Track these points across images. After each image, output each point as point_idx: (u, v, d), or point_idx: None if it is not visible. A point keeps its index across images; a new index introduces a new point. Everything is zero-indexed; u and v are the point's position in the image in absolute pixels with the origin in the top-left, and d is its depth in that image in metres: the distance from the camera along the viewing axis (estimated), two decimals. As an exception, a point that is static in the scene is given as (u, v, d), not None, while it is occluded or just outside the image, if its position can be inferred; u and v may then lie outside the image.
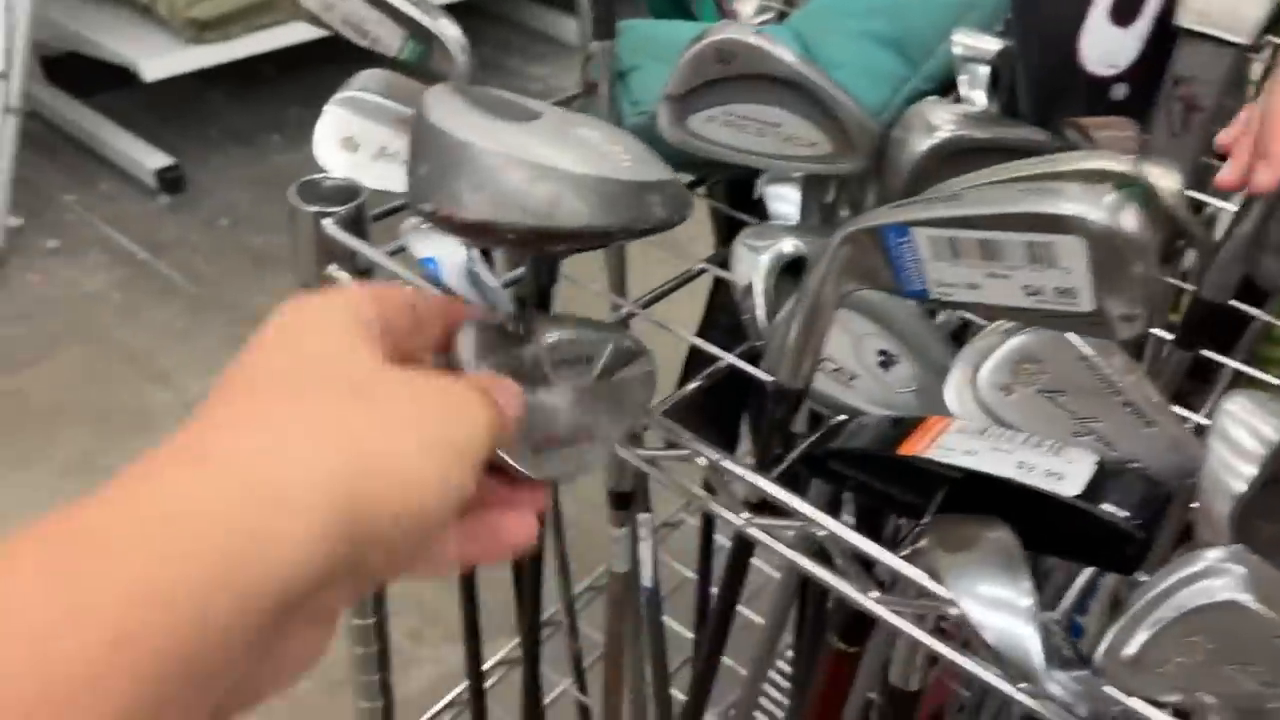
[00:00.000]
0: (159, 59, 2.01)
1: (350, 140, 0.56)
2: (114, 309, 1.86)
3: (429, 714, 0.88)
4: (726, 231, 0.69)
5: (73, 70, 2.24)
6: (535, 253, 0.38)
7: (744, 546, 0.47)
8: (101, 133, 2.14)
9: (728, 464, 0.43)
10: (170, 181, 2.06)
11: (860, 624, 0.49)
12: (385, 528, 0.25)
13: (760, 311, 0.47)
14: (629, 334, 0.40)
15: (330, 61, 2.79)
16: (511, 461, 0.34)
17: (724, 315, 0.64)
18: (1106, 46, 0.62)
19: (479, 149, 0.33)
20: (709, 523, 0.83)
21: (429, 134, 0.34)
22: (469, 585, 0.73)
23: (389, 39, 0.53)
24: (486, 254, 0.51)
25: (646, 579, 0.68)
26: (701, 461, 0.44)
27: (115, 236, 2.00)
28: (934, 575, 0.38)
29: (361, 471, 0.25)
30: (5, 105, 1.88)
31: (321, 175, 0.55)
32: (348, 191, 0.55)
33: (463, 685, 0.91)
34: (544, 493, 0.36)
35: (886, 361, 0.46)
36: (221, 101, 2.39)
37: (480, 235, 0.35)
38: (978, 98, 0.51)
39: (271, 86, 2.45)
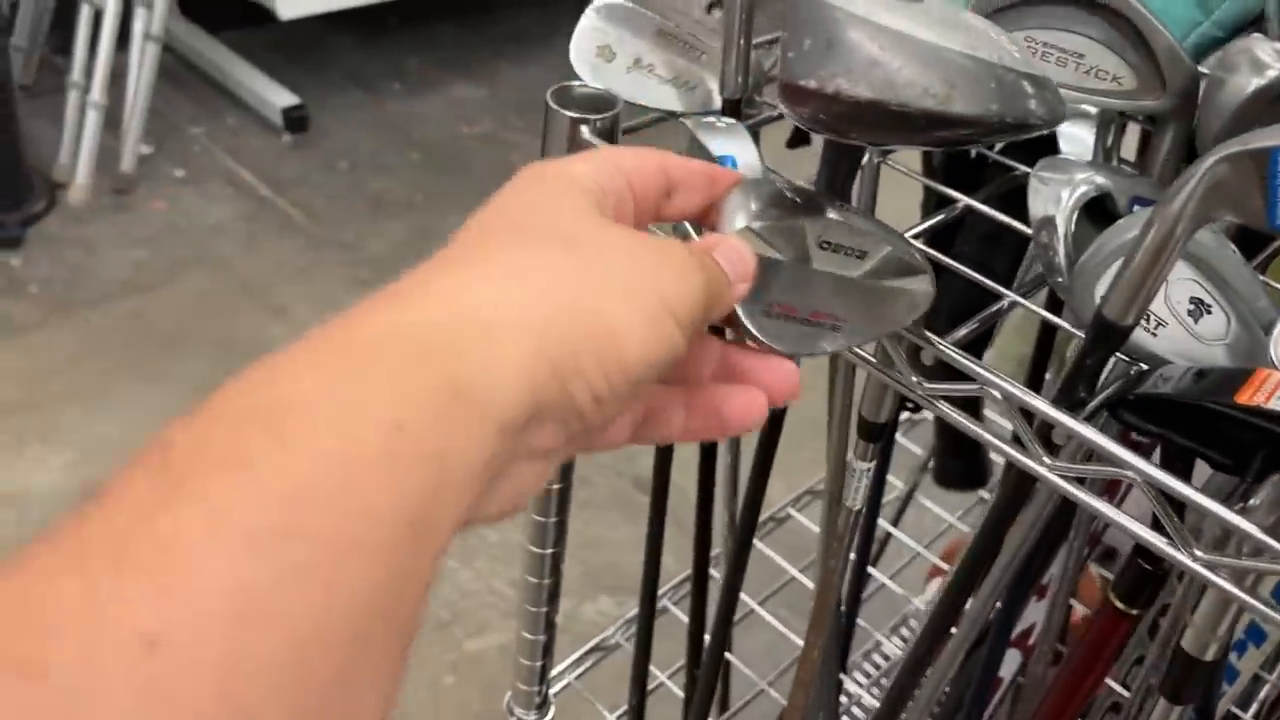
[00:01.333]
0: (295, -2, 2.04)
1: (606, 49, 0.55)
2: (235, 241, 1.88)
3: (593, 642, 0.87)
4: (937, 195, 0.66)
5: (206, 5, 2.27)
6: (906, 140, 0.35)
7: (1023, 482, 0.44)
8: (231, 68, 2.17)
9: (1036, 402, 0.40)
10: (295, 120, 2.08)
11: (1148, 583, 0.47)
12: (590, 370, 0.26)
13: (1062, 247, 0.44)
14: (915, 249, 0.37)
15: (448, 19, 2.77)
16: (742, 318, 0.33)
17: (966, 263, 0.61)
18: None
19: (874, 25, 0.31)
20: (878, 488, 0.80)
21: (811, 6, 0.32)
22: (660, 497, 0.72)
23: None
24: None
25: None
26: (996, 395, 0.42)
27: (238, 171, 2.03)
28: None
29: (568, 318, 0.26)
30: (146, 32, 1.91)
31: (577, 83, 0.54)
32: (600, 100, 0.53)
33: (610, 630, 0.90)
34: (785, 375, 0.34)
35: (1197, 311, 0.43)
36: (346, 47, 2.40)
37: (853, 119, 0.33)
38: (1297, 40, 0.48)
39: (393, 37, 2.46)
